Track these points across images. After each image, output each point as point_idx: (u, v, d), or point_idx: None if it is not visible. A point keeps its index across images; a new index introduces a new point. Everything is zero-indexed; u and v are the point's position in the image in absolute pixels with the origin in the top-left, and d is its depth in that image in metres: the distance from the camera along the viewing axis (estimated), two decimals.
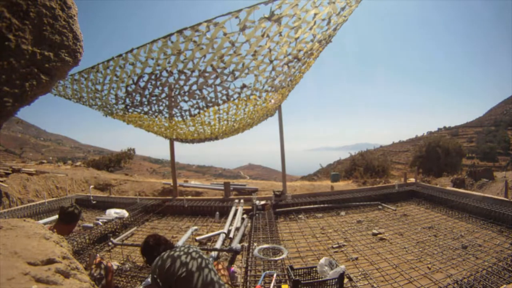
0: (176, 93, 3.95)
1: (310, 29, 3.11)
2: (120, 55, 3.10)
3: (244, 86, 3.81)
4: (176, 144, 7.10)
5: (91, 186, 8.58)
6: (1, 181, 7.63)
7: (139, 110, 4.67)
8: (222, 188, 9.05)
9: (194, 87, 3.75)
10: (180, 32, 2.74)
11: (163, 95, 4.02)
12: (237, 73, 3.49)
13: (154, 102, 4.29)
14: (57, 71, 0.99)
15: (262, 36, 2.91)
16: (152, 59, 3.13)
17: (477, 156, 31.88)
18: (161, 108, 4.51)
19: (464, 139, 41.80)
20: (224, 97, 4.05)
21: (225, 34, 2.80)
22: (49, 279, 0.75)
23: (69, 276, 0.86)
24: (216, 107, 4.30)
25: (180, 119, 4.87)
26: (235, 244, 3.55)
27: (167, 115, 4.81)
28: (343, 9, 3.11)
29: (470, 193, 5.35)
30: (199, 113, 4.54)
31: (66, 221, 2.17)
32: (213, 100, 4.09)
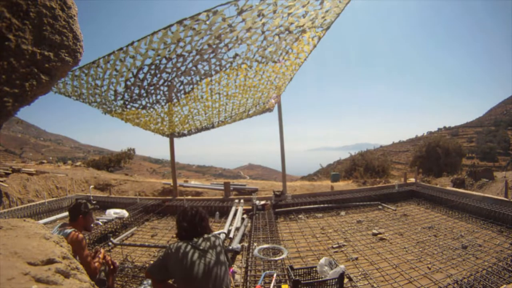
0: (173, 75, 3.98)
1: (303, 6, 3.19)
2: (121, 48, 3.10)
3: (236, 55, 3.89)
4: (176, 144, 7.12)
5: (91, 186, 8.58)
6: (1, 181, 7.63)
7: (137, 105, 4.72)
8: (222, 188, 9.04)
9: (190, 65, 3.83)
10: (180, 22, 2.77)
11: (161, 81, 4.06)
12: (230, 45, 3.58)
13: (152, 91, 4.34)
14: (57, 71, 0.99)
15: (258, 16, 3.03)
16: (153, 50, 3.15)
17: (477, 156, 31.86)
18: (158, 97, 4.59)
19: (464, 139, 41.79)
20: (217, 68, 4.13)
21: (224, 19, 2.86)
22: (49, 279, 0.75)
23: (69, 276, 0.86)
24: (209, 78, 4.40)
25: (175, 100, 4.95)
26: (235, 244, 3.55)
27: (163, 103, 4.87)
28: None
29: (470, 193, 5.35)
30: (192, 89, 4.62)
31: (70, 219, 2.23)
32: (207, 72, 4.17)
